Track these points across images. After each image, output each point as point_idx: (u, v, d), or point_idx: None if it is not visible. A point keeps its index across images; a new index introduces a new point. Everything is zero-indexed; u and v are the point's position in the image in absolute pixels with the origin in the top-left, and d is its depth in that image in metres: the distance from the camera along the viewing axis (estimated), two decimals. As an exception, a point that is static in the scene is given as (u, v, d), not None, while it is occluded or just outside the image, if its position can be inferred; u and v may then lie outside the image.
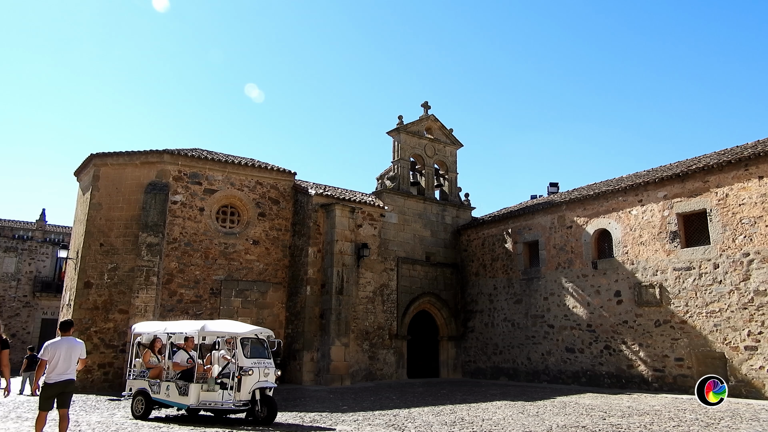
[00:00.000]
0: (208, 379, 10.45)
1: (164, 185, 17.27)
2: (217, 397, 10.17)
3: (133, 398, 11.01)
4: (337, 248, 18.29)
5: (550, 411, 11.68)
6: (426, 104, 22.84)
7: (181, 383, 10.46)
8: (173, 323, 12.30)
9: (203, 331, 10.84)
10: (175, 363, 11.02)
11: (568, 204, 18.55)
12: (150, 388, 10.77)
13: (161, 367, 11.10)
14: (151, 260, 16.28)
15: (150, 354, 11.46)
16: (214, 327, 11.19)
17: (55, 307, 30.61)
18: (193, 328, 11.21)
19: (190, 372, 10.69)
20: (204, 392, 10.27)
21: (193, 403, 10.21)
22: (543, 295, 18.91)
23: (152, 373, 11.03)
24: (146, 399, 10.77)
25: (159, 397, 10.65)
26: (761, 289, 13.51)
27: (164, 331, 11.35)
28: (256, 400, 9.96)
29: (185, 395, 10.27)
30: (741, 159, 14.20)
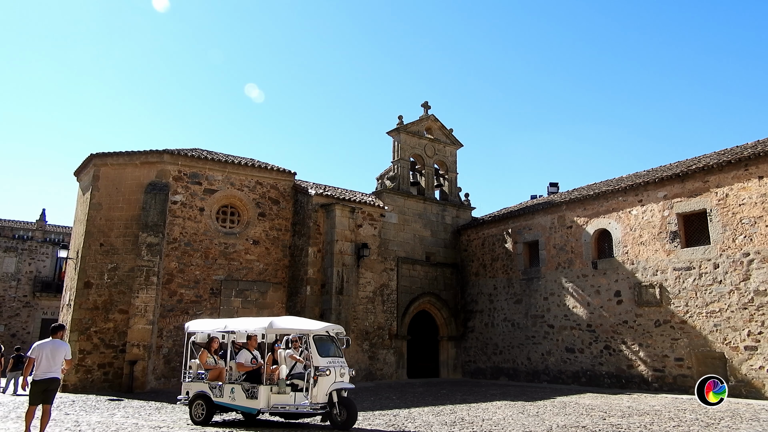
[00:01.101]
0: (278, 380, 9.76)
1: (164, 185, 17.27)
2: (288, 399, 9.46)
3: (191, 403, 10.21)
4: (337, 248, 18.29)
5: (550, 411, 11.69)
6: (426, 104, 22.84)
7: (247, 385, 9.72)
8: (234, 320, 11.39)
9: (271, 328, 10.06)
10: (239, 363, 10.26)
11: (568, 204, 18.55)
12: (211, 391, 10.02)
13: (221, 368, 10.36)
14: (151, 260, 16.28)
15: (207, 354, 10.65)
16: (282, 323, 10.45)
17: (55, 307, 30.61)
18: (258, 325, 10.49)
19: (256, 373, 9.97)
20: (274, 395, 9.56)
21: (264, 406, 9.49)
22: (543, 295, 18.91)
23: (212, 375, 10.30)
24: (207, 403, 10.03)
25: (222, 401, 9.92)
26: (761, 289, 13.51)
27: (224, 328, 10.62)
28: (334, 402, 9.24)
29: (254, 398, 9.54)
30: (741, 159, 14.20)
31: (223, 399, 9.89)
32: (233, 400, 9.79)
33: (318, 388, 9.19)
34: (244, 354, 10.40)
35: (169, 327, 16.70)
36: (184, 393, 10.52)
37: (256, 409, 9.54)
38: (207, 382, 10.18)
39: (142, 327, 15.82)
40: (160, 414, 11.34)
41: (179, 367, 16.59)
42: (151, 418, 10.83)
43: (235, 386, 9.83)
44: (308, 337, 9.56)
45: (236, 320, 11.42)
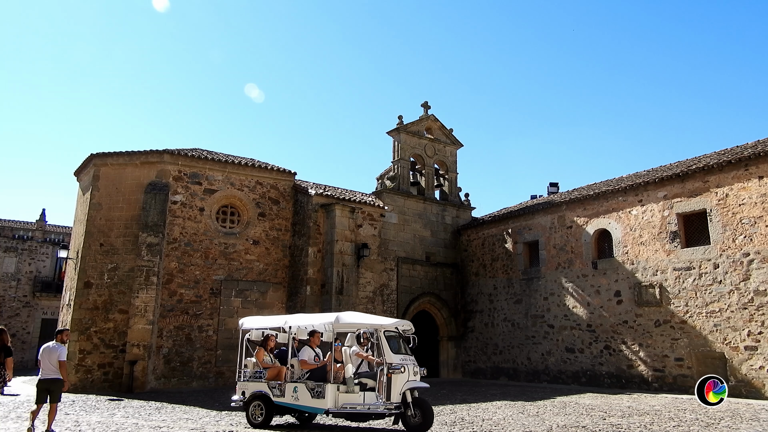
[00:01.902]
0: (347, 379, 9.20)
1: (164, 185, 17.28)
2: (357, 399, 8.89)
3: (248, 403, 9.67)
4: (337, 248, 18.29)
5: (550, 411, 11.69)
6: (426, 104, 22.85)
7: (312, 384, 9.17)
8: (295, 316, 10.86)
9: (338, 323, 9.46)
10: (303, 361, 9.67)
11: (568, 204, 18.55)
12: (270, 391, 9.50)
13: (280, 366, 9.82)
14: (151, 260, 16.28)
15: (264, 352, 10.17)
16: (349, 318, 9.89)
17: (55, 307, 30.60)
18: (322, 320, 9.99)
19: (321, 371, 9.44)
20: (342, 394, 8.98)
21: (332, 406, 8.91)
22: (543, 295, 18.91)
23: (271, 374, 9.77)
24: (266, 404, 9.49)
25: (283, 401, 9.38)
26: (761, 289, 13.52)
27: (284, 324, 10.11)
28: (408, 402, 8.64)
29: (320, 398, 8.98)
30: (741, 159, 14.20)
31: (285, 399, 9.36)
32: (296, 400, 9.24)
33: (392, 388, 8.66)
34: (307, 351, 9.86)
35: (169, 327, 16.70)
36: (238, 394, 9.98)
37: (323, 409, 8.97)
38: (266, 382, 9.65)
39: (142, 327, 15.82)
40: (160, 414, 11.34)
41: (179, 367, 16.63)
42: (151, 418, 10.83)
43: (299, 385, 9.28)
44: (378, 332, 9.09)
45: (297, 316, 10.95)
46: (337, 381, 9.17)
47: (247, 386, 9.88)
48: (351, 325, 9.83)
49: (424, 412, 8.61)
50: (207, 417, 10.91)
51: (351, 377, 9.19)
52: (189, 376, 16.74)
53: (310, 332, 10.14)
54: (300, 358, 9.73)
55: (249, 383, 9.89)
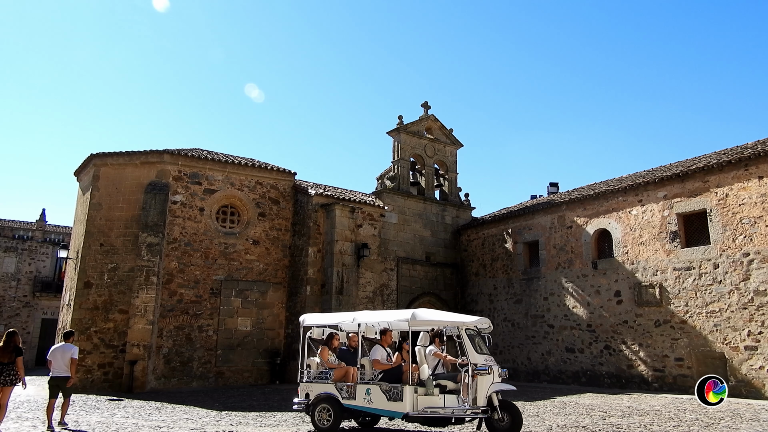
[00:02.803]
0: (426, 380, 8.57)
1: (164, 185, 17.28)
2: (437, 402, 8.31)
3: (314, 406, 9.05)
4: (337, 248, 18.29)
5: (550, 411, 11.69)
6: (426, 104, 22.84)
7: (388, 386, 8.54)
8: (363, 313, 10.28)
9: (415, 320, 8.84)
10: (376, 361, 9.07)
11: (568, 204, 18.55)
12: (339, 393, 8.91)
13: (348, 367, 9.22)
14: (151, 260, 16.28)
15: (328, 352, 9.60)
16: (427, 315, 9.31)
17: (55, 307, 30.60)
18: (396, 317, 9.41)
19: (395, 372, 8.85)
20: (421, 397, 8.36)
21: (410, 410, 8.27)
22: (543, 295, 18.91)
23: (337, 375, 9.18)
24: (334, 407, 8.86)
25: (354, 404, 8.78)
26: (761, 289, 13.51)
27: (352, 321, 9.48)
28: (495, 405, 8.10)
29: (397, 400, 8.36)
30: (741, 159, 14.20)
31: (356, 402, 8.74)
32: (370, 402, 8.62)
33: (477, 390, 8.10)
34: (380, 350, 9.28)
35: (169, 327, 16.70)
36: (301, 396, 9.38)
37: (401, 413, 8.32)
38: (333, 383, 9.05)
39: (142, 327, 15.82)
40: (160, 414, 11.34)
41: (179, 367, 16.63)
42: (151, 418, 10.83)
43: (372, 387, 8.67)
44: (460, 330, 8.55)
45: (365, 313, 10.37)
46: (416, 383, 8.55)
47: (311, 388, 9.29)
48: (428, 323, 9.29)
49: (513, 416, 8.11)
50: (207, 417, 10.91)
51: (430, 378, 8.61)
52: (189, 376, 16.74)
53: (382, 330, 9.54)
54: (372, 357, 9.16)
55: (314, 384, 9.30)
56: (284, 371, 18.00)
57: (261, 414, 11.25)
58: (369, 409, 8.74)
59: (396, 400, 8.39)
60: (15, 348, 8.89)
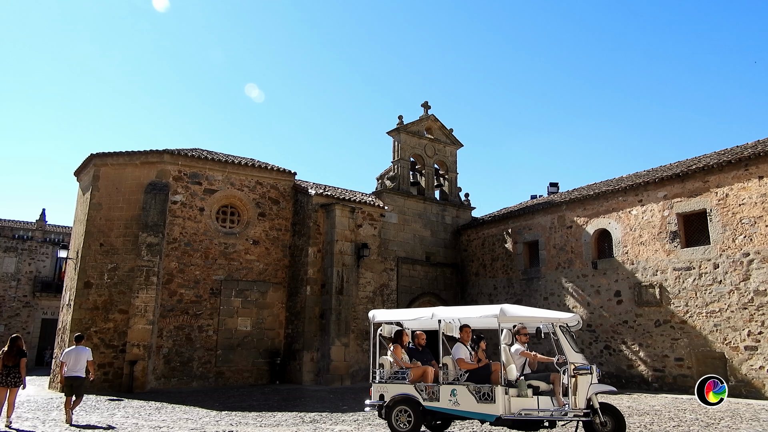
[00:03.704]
0: (518, 381, 8.05)
1: (164, 185, 17.28)
2: (531, 404, 7.81)
3: (390, 408, 8.53)
4: (337, 248, 18.29)
5: (550, 411, 11.66)
6: (426, 104, 22.84)
7: (477, 387, 8.03)
8: (443, 309, 9.67)
9: (505, 316, 8.28)
10: (461, 360, 8.52)
11: (568, 204, 18.55)
12: (419, 394, 8.38)
13: (425, 366, 8.75)
14: (151, 260, 16.28)
15: (401, 350, 9.14)
16: (517, 311, 8.87)
17: (55, 307, 30.61)
18: (483, 312, 8.81)
19: (483, 372, 8.31)
20: (514, 398, 7.84)
21: (504, 413, 7.74)
22: (543, 295, 18.91)
23: (415, 375, 8.66)
24: (414, 409, 8.32)
25: (438, 406, 8.23)
26: (761, 289, 13.51)
27: (431, 317, 8.94)
28: (596, 408, 7.60)
29: (488, 403, 7.82)
30: (741, 159, 14.20)
31: (440, 404, 8.21)
32: (456, 404, 8.08)
33: (577, 391, 7.61)
34: (463, 348, 8.76)
35: (169, 327, 16.70)
36: (374, 397, 8.83)
37: (494, 416, 7.79)
38: (413, 384, 8.51)
39: (142, 327, 15.82)
40: (160, 414, 11.35)
41: (179, 367, 16.63)
42: (151, 418, 10.83)
43: (458, 388, 8.13)
44: (556, 327, 8.13)
45: (445, 309, 9.75)
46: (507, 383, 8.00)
47: (386, 388, 8.72)
48: (519, 319, 8.75)
49: (616, 419, 7.61)
50: (207, 417, 10.91)
51: (522, 379, 8.09)
52: (189, 376, 16.74)
53: (461, 327, 9.02)
54: (457, 356, 8.60)
55: (389, 385, 8.73)
56: (284, 371, 18.01)
57: (261, 414, 11.25)
58: (455, 412, 8.20)
59: (487, 402, 7.86)
60: (19, 351, 9.74)
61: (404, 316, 9.74)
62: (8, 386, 9.60)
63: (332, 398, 14.00)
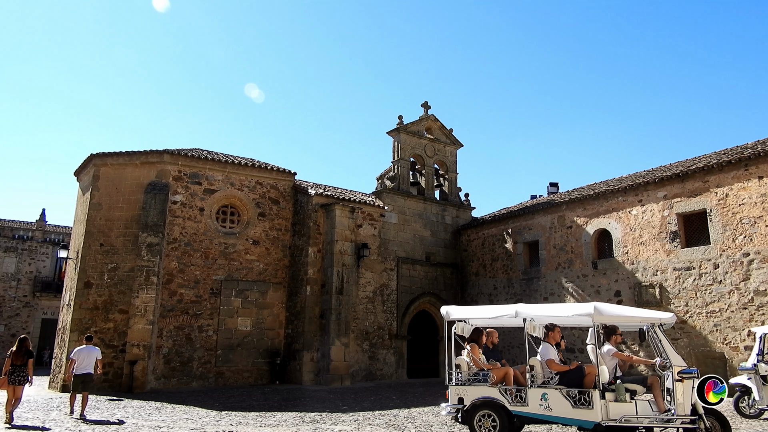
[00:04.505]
0: (616, 385, 7.65)
1: (164, 185, 17.28)
2: (629, 409, 7.40)
3: (471, 412, 8.16)
4: (337, 248, 18.28)
5: (550, 411, 11.65)
6: (426, 104, 22.84)
7: (572, 391, 7.62)
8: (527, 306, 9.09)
9: (599, 315, 7.82)
10: (550, 361, 8.08)
11: (568, 204, 18.55)
12: (506, 398, 8.00)
13: (507, 368, 8.40)
14: (151, 260, 16.28)
15: (479, 350, 8.76)
16: (611, 309, 8.44)
17: (55, 307, 30.61)
18: (574, 311, 8.25)
19: (576, 375, 7.85)
20: (611, 403, 7.44)
21: (603, 418, 7.34)
22: (543, 295, 18.91)
23: (498, 376, 8.26)
24: (500, 413, 7.94)
25: (527, 411, 7.85)
26: (761, 289, 13.51)
27: (515, 315, 8.45)
28: (700, 414, 7.22)
29: (585, 408, 7.42)
30: (741, 159, 14.20)
31: (529, 408, 7.82)
32: (548, 409, 7.69)
33: (682, 395, 7.23)
34: (551, 349, 8.31)
35: (169, 327, 16.70)
36: (452, 399, 8.39)
37: (592, 422, 7.38)
38: (497, 387, 8.10)
39: (142, 327, 15.82)
40: (160, 414, 11.35)
41: (179, 367, 16.63)
42: (151, 418, 10.83)
43: (549, 392, 7.74)
44: (655, 327, 7.74)
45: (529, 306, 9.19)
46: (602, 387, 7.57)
47: (466, 391, 8.30)
48: (615, 318, 8.28)
49: (722, 425, 7.26)
50: (207, 417, 10.91)
51: (620, 383, 7.70)
52: (189, 376, 16.74)
53: (548, 326, 8.55)
54: (547, 357, 8.14)
55: (469, 387, 8.32)
56: (284, 371, 18.01)
57: (261, 414, 11.25)
58: (547, 417, 7.78)
59: (584, 406, 7.44)
60: (26, 351, 10.52)
61: (483, 314, 9.32)
62: (16, 384, 10.29)
63: (332, 398, 14.00)
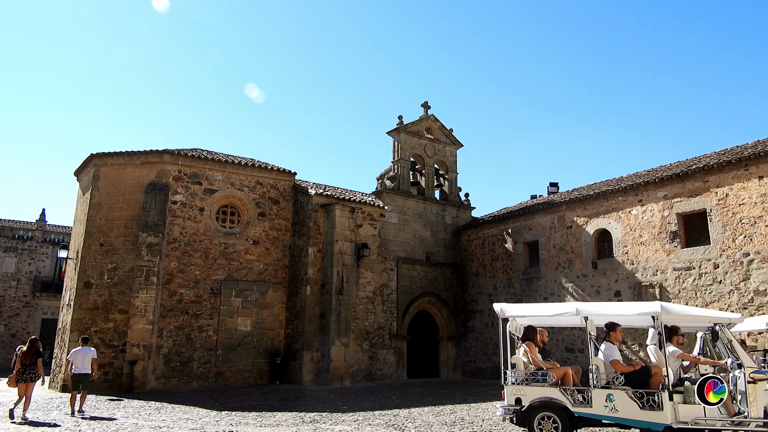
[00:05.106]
0: (685, 387, 7.43)
1: (164, 185, 17.27)
2: (699, 411, 7.16)
3: (530, 414, 7.93)
4: (337, 248, 18.28)
5: (550, 411, 11.66)
6: (426, 104, 22.85)
7: (639, 392, 7.46)
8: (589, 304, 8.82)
9: (667, 314, 7.66)
10: (615, 362, 7.89)
11: (568, 204, 18.55)
12: (567, 398, 7.77)
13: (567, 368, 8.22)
14: (151, 260, 16.28)
15: (536, 349, 8.54)
16: (678, 309, 8.23)
17: (55, 307, 30.61)
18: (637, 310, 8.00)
19: (642, 375, 7.66)
20: (681, 405, 7.24)
21: (672, 421, 7.15)
22: (543, 295, 18.91)
23: (557, 376, 8.06)
24: (561, 415, 7.73)
25: (591, 412, 7.63)
26: (761, 289, 13.52)
27: (575, 313, 8.18)
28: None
29: (655, 410, 7.24)
30: (741, 159, 14.20)
31: (593, 410, 7.59)
32: (614, 411, 7.48)
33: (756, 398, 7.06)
34: (613, 349, 8.09)
35: (169, 327, 16.70)
36: (509, 400, 8.16)
37: (662, 425, 7.19)
38: (558, 387, 7.90)
39: (142, 327, 15.82)
40: (160, 414, 11.35)
41: (179, 367, 16.63)
42: (151, 418, 10.83)
43: (615, 392, 7.52)
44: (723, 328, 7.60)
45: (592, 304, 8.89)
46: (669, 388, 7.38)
47: (524, 391, 8.05)
48: (683, 318, 8.12)
49: None
50: (207, 417, 10.91)
51: (689, 384, 7.44)
52: (189, 376, 16.74)
53: (609, 324, 8.28)
54: (612, 357, 7.94)
55: (527, 387, 8.07)
56: (284, 371, 18.01)
57: (261, 414, 11.25)
58: (614, 419, 7.57)
59: (653, 408, 7.27)
60: (36, 352, 11.16)
61: (541, 311, 9.05)
62: (26, 381, 10.86)
63: (332, 398, 14.00)
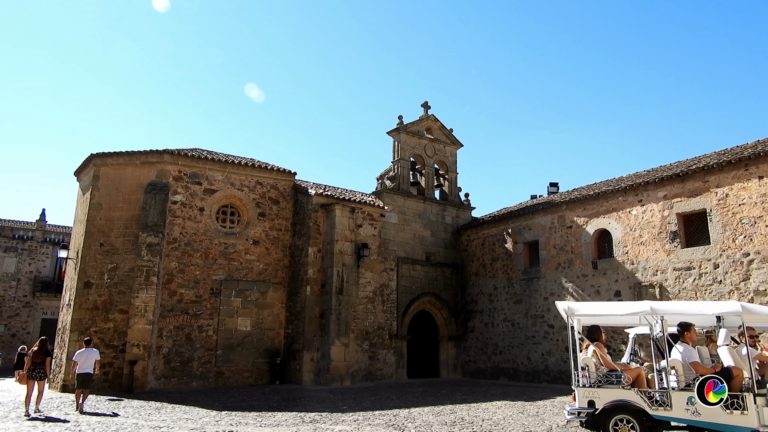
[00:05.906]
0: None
1: (164, 185, 17.28)
2: None
3: (605, 417, 7.68)
4: (337, 248, 18.28)
5: (550, 411, 11.69)
6: (426, 104, 22.85)
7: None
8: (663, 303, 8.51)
9: (747, 313, 7.52)
10: (695, 364, 7.63)
11: (568, 204, 18.55)
12: (645, 401, 7.54)
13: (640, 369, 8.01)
14: (151, 260, 16.28)
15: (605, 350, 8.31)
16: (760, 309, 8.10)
17: (55, 307, 30.61)
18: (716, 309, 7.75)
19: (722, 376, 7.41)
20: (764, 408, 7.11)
21: (759, 425, 7.04)
22: (543, 295, 18.91)
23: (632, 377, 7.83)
24: (638, 418, 7.52)
25: (671, 416, 7.41)
26: (761, 289, 13.52)
27: (650, 312, 7.93)
28: None
29: (740, 412, 7.06)
30: (741, 159, 14.20)
31: (673, 413, 7.38)
32: (695, 414, 7.25)
33: None
34: (692, 351, 7.82)
35: (169, 327, 16.70)
36: (581, 402, 7.89)
37: (749, 429, 7.02)
38: (635, 389, 7.67)
39: (142, 327, 15.82)
40: (160, 414, 11.35)
41: (179, 367, 16.63)
42: (151, 418, 10.84)
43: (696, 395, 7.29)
44: None
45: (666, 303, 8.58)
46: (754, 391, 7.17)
47: (597, 393, 7.79)
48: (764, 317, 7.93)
49: None
50: (207, 417, 10.91)
51: None
52: (189, 376, 16.74)
53: (683, 324, 8.00)
54: (691, 359, 7.69)
55: (600, 390, 7.81)
56: (284, 371, 18.01)
57: (261, 414, 11.26)
58: (696, 423, 7.33)
59: (738, 410, 7.08)
60: (46, 351, 11.87)
61: (612, 311, 8.79)
62: (36, 379, 11.54)
63: (332, 398, 14.00)
